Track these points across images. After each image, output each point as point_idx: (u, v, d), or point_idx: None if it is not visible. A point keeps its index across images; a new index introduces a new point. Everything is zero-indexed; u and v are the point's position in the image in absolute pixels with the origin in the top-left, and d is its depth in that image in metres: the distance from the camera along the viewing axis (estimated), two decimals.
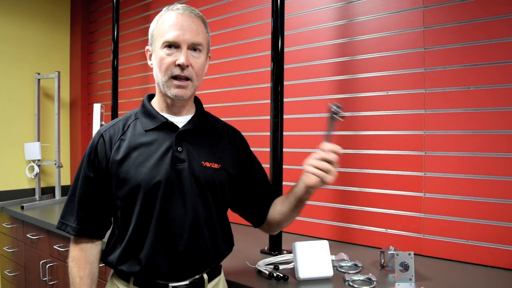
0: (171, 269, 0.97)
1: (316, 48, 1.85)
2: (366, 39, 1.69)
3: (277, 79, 1.53)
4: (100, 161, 1.01)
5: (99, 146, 1.03)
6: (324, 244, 1.30)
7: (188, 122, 1.05)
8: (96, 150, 1.02)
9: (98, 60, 3.17)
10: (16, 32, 2.90)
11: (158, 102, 1.07)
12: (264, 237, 1.61)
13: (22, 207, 2.49)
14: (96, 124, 2.42)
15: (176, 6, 1.00)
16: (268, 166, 1.57)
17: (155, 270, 0.97)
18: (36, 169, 2.82)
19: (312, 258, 1.26)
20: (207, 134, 1.08)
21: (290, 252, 1.47)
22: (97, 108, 2.42)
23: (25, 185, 2.94)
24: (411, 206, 1.57)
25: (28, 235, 2.33)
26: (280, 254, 1.52)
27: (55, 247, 2.10)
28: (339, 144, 0.92)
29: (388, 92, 1.63)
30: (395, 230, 1.61)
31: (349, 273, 1.31)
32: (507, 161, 1.38)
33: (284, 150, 1.56)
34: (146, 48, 1.07)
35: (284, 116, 1.59)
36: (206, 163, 1.02)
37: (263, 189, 1.17)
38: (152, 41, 1.03)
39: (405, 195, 1.59)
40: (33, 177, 2.86)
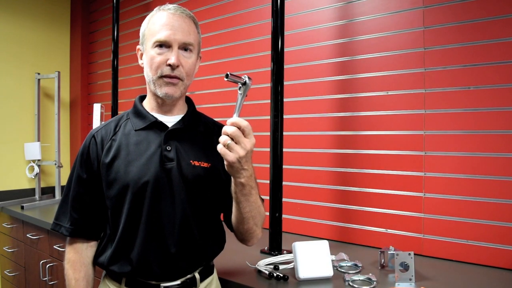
0: (162, 268, 0.97)
1: (316, 48, 1.85)
2: (366, 39, 1.69)
3: (277, 79, 1.53)
4: (92, 161, 1.02)
5: (91, 147, 1.03)
6: (324, 244, 1.30)
7: (178, 121, 1.05)
8: (88, 151, 1.03)
9: (98, 60, 3.17)
10: (16, 32, 2.90)
11: (149, 102, 1.07)
12: (264, 237, 1.61)
13: (22, 207, 2.49)
14: (96, 124, 2.42)
15: (168, 6, 1.01)
16: (268, 166, 1.57)
17: (146, 270, 0.97)
18: (36, 169, 2.82)
19: (312, 258, 1.26)
20: (198, 133, 1.08)
21: (290, 252, 1.47)
22: (97, 108, 2.42)
23: (25, 185, 2.94)
24: (411, 206, 1.57)
25: (28, 235, 2.33)
26: (280, 254, 1.52)
27: (55, 247, 2.10)
28: (339, 144, 0.92)
29: (388, 92, 1.64)
30: (395, 230, 1.61)
31: (349, 273, 1.31)
32: (507, 161, 1.38)
33: (284, 150, 1.56)
34: (137, 47, 1.07)
35: (284, 116, 1.59)
36: (195, 162, 1.02)
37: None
38: (143, 40, 1.03)
39: (405, 195, 1.59)
40: (33, 177, 2.86)
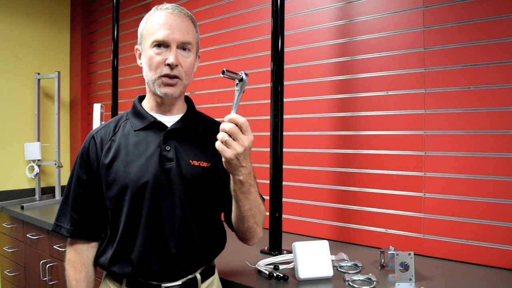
0: (163, 269, 0.97)
1: (316, 48, 1.85)
2: (366, 39, 1.69)
3: (277, 79, 1.53)
4: (91, 162, 1.02)
5: (90, 147, 1.03)
6: (324, 244, 1.30)
7: (177, 121, 1.05)
8: (88, 152, 1.03)
9: (98, 60, 3.17)
10: (16, 32, 2.90)
11: (148, 102, 1.07)
12: (264, 237, 1.61)
13: (22, 207, 2.48)
14: (96, 124, 2.42)
15: (166, 6, 1.01)
16: (268, 166, 1.57)
17: (147, 271, 0.97)
18: (36, 169, 2.82)
19: (312, 258, 1.26)
20: (198, 133, 1.08)
21: (290, 252, 1.47)
22: (97, 108, 2.42)
23: (25, 185, 2.94)
24: (411, 206, 1.57)
25: (28, 235, 2.33)
26: (280, 254, 1.52)
27: (55, 247, 2.10)
28: (339, 144, 0.92)
29: (388, 92, 1.63)
30: (395, 230, 1.61)
31: (349, 273, 1.31)
32: (507, 161, 1.38)
33: (284, 150, 1.56)
34: (135, 47, 1.07)
35: (284, 116, 1.59)
36: (194, 161, 1.02)
37: None
38: (141, 40, 1.03)
39: (405, 195, 1.59)
40: (33, 177, 2.86)
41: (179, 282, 1.01)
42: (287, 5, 1.67)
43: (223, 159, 0.89)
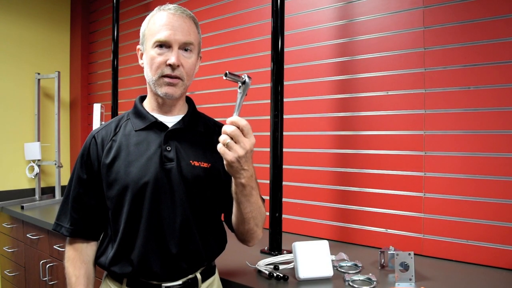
0: (163, 269, 0.97)
1: (316, 48, 1.85)
2: (366, 39, 1.69)
3: (277, 79, 1.53)
4: (92, 162, 1.02)
5: (91, 147, 1.03)
6: (324, 244, 1.30)
7: (178, 121, 1.05)
8: (89, 151, 1.03)
9: (98, 60, 3.17)
10: (16, 32, 2.90)
11: (149, 102, 1.07)
12: (264, 237, 1.61)
13: (22, 207, 2.48)
14: (96, 124, 2.42)
15: (168, 6, 1.01)
16: (268, 166, 1.57)
17: (147, 271, 0.97)
18: (36, 169, 2.82)
19: (312, 258, 1.26)
20: (198, 133, 1.08)
21: (290, 252, 1.47)
22: (97, 108, 2.42)
23: (25, 185, 2.94)
24: (411, 206, 1.57)
25: (28, 235, 2.33)
26: (280, 254, 1.52)
27: (55, 247, 2.10)
28: (339, 144, 0.92)
29: (388, 92, 1.63)
30: (395, 230, 1.61)
31: (349, 273, 1.31)
32: (507, 161, 1.38)
33: (284, 150, 1.56)
34: (137, 47, 1.07)
35: (284, 116, 1.59)
36: (195, 162, 1.02)
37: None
38: (143, 40, 1.03)
39: (405, 195, 1.59)
40: (33, 177, 2.86)
41: (180, 282, 1.01)
42: (287, 5, 1.67)
43: (225, 162, 0.88)
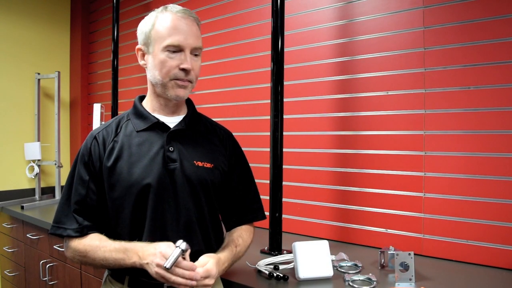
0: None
1: (316, 48, 1.85)
2: (366, 39, 1.69)
3: (277, 79, 1.53)
4: (94, 163, 1.01)
5: (92, 148, 1.02)
6: (324, 244, 1.30)
7: (179, 122, 1.05)
8: (90, 152, 1.02)
9: (98, 60, 3.17)
10: (16, 32, 2.90)
11: (150, 103, 1.07)
12: (264, 237, 1.61)
13: (22, 207, 2.48)
14: (96, 124, 2.42)
15: (176, 8, 1.00)
16: (268, 166, 1.57)
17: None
18: (36, 169, 2.82)
19: (312, 258, 1.26)
20: (199, 134, 1.08)
21: (290, 252, 1.47)
22: (97, 108, 2.42)
23: (25, 185, 2.94)
24: (411, 206, 1.57)
25: (28, 235, 2.33)
26: (280, 254, 1.52)
27: (55, 247, 2.10)
28: (339, 144, 0.92)
29: (388, 92, 1.63)
30: (395, 230, 1.61)
31: (349, 273, 1.31)
32: (507, 161, 1.38)
33: (284, 150, 1.56)
34: (137, 47, 1.05)
35: (284, 116, 1.59)
36: (198, 162, 1.02)
37: (235, 202, 1.15)
38: (147, 41, 1.01)
39: (405, 195, 1.59)
40: (33, 177, 2.86)
41: None
42: (287, 5, 1.67)
43: None
